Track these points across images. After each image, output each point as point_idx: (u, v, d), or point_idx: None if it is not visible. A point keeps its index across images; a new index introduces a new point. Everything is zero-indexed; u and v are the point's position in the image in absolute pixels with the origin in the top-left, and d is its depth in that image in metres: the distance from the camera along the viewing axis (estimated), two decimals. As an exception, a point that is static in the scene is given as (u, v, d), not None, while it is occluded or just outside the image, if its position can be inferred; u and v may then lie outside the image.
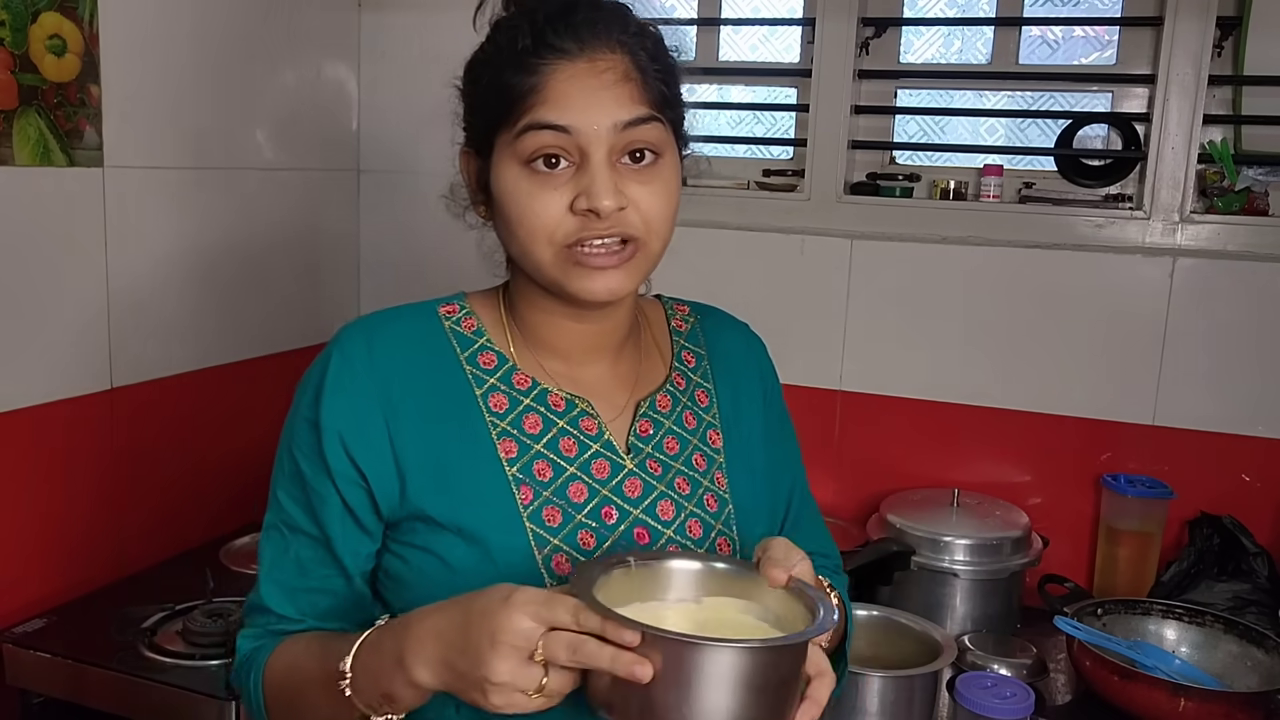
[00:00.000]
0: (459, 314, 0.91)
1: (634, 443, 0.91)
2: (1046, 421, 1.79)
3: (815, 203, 1.92)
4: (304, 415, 0.86)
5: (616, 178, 0.81)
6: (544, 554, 0.83)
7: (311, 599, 0.88)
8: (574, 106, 0.80)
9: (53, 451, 1.56)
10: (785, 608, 0.75)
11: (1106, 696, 1.37)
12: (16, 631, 1.45)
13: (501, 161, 0.83)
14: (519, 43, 0.82)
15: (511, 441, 0.86)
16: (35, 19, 1.46)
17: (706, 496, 0.92)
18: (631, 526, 0.87)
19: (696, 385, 0.98)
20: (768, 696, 0.67)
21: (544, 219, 0.81)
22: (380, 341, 0.87)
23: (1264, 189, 1.73)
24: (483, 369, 0.89)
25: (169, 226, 1.72)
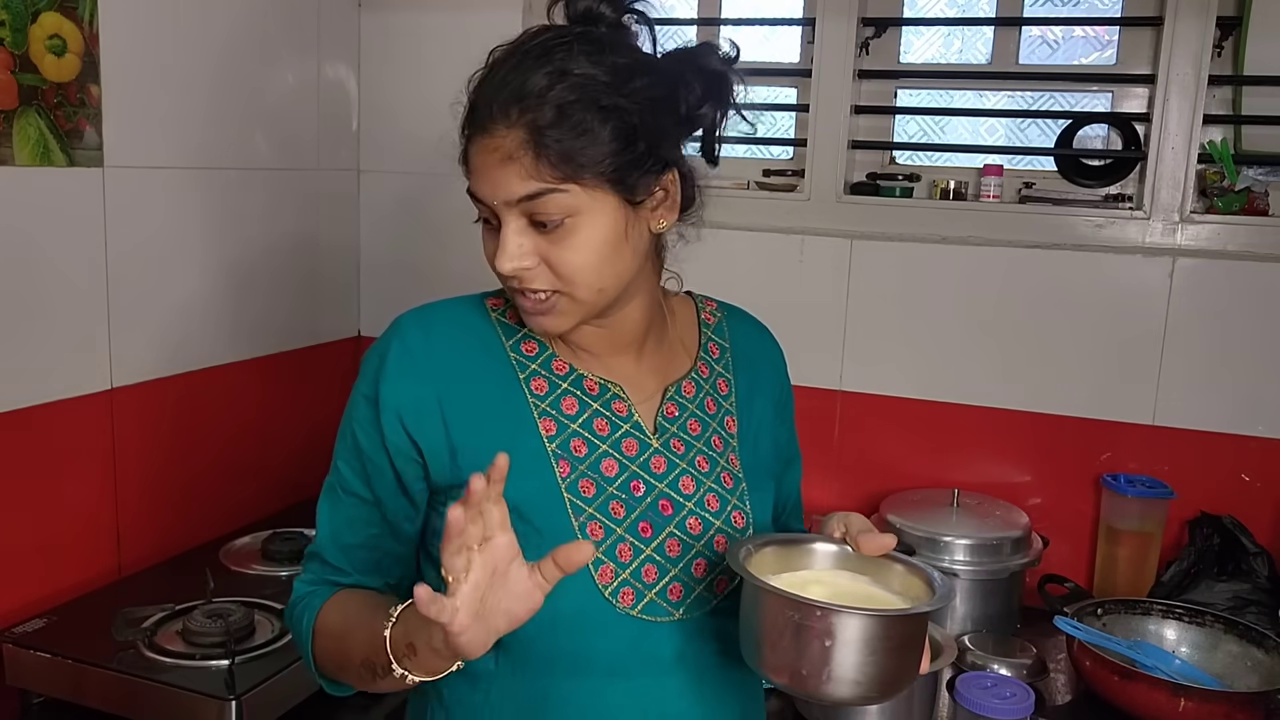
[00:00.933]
0: (504, 306, 1.00)
1: (661, 423, 1.00)
2: (1046, 421, 1.79)
3: (815, 203, 1.92)
4: (364, 393, 0.95)
5: (528, 239, 0.89)
6: (580, 521, 0.92)
7: (360, 554, 0.98)
8: (481, 181, 0.89)
9: (53, 451, 1.56)
10: (905, 582, 0.89)
11: (1106, 696, 1.37)
12: (16, 631, 1.45)
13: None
14: (467, 102, 0.90)
15: (551, 421, 0.95)
16: (35, 19, 1.46)
17: (723, 474, 1.01)
18: (657, 499, 0.96)
19: (719, 375, 1.07)
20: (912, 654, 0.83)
21: (490, 261, 0.91)
22: (436, 328, 0.96)
23: (1264, 189, 1.74)
24: (526, 356, 0.98)
25: (169, 226, 1.72)
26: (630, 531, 0.94)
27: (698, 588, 0.96)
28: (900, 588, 0.89)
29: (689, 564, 0.96)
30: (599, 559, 0.92)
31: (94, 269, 1.60)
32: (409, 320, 0.97)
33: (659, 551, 0.95)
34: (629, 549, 0.93)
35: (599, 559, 0.92)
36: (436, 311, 0.99)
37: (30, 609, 1.52)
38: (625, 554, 0.93)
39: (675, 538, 0.96)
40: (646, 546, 0.94)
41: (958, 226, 1.84)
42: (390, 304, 1.01)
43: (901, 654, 0.81)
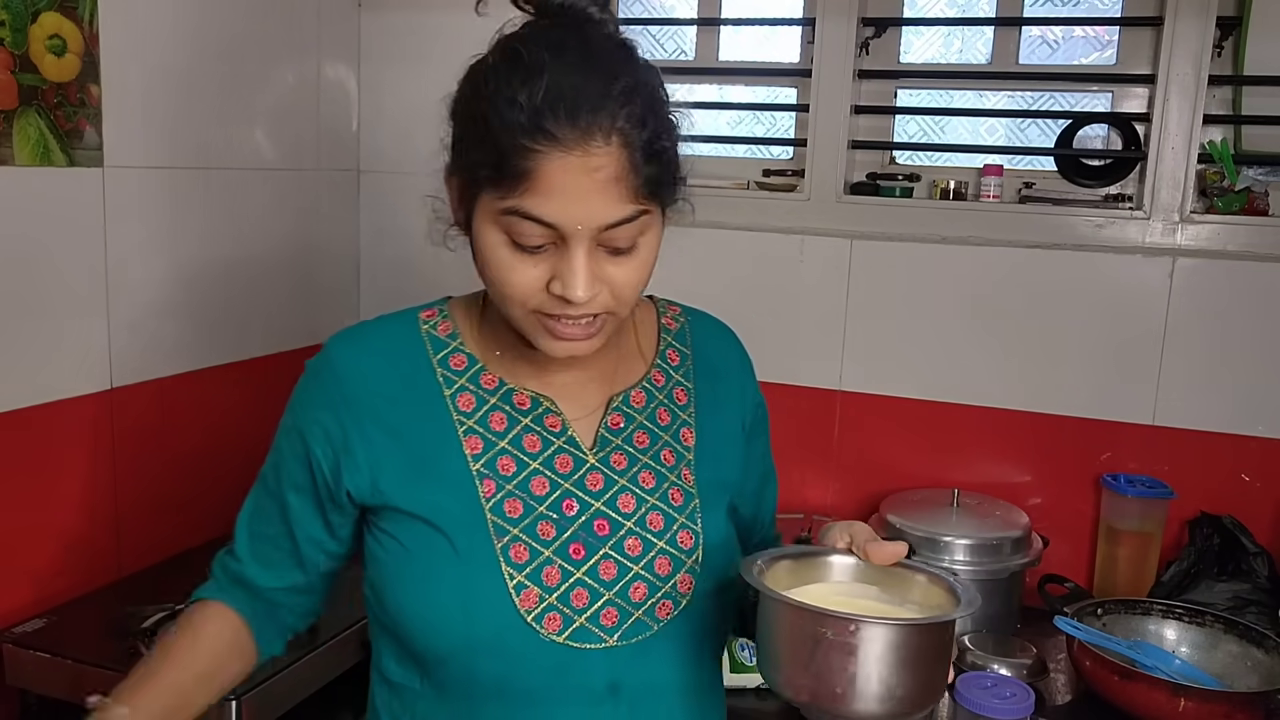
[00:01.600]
0: (436, 318, 0.97)
1: (603, 437, 0.95)
2: (1046, 421, 1.79)
3: (815, 203, 1.92)
4: (292, 414, 0.95)
5: (594, 264, 0.83)
6: (503, 543, 0.89)
7: (259, 546, 0.98)
8: (562, 204, 0.79)
9: (53, 451, 1.56)
10: (925, 593, 0.86)
11: (1106, 696, 1.37)
12: (16, 631, 1.45)
13: (483, 219, 0.84)
14: (511, 114, 0.79)
15: (477, 438, 0.92)
16: (35, 19, 1.46)
17: (671, 491, 0.95)
18: (592, 518, 0.92)
19: (676, 384, 1.01)
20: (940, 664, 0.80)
21: (519, 290, 0.84)
22: (364, 349, 0.94)
23: (1264, 189, 1.74)
24: (453, 370, 0.94)
25: (169, 226, 1.72)
26: (559, 553, 0.89)
27: (635, 612, 0.90)
28: (921, 598, 0.86)
29: (626, 587, 0.90)
30: (521, 583, 0.88)
31: (94, 269, 1.60)
32: (337, 342, 0.95)
33: (591, 574, 0.89)
34: (557, 572, 0.89)
35: (521, 583, 0.88)
36: (366, 331, 0.97)
37: (30, 609, 1.52)
38: (552, 577, 0.88)
39: (611, 559, 0.90)
40: (577, 569, 0.89)
41: (958, 226, 1.84)
42: (390, 304, 1.00)
43: (930, 665, 0.78)
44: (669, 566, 0.92)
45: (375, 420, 0.92)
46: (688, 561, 0.93)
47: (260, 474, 0.99)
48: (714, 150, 2.10)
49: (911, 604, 0.86)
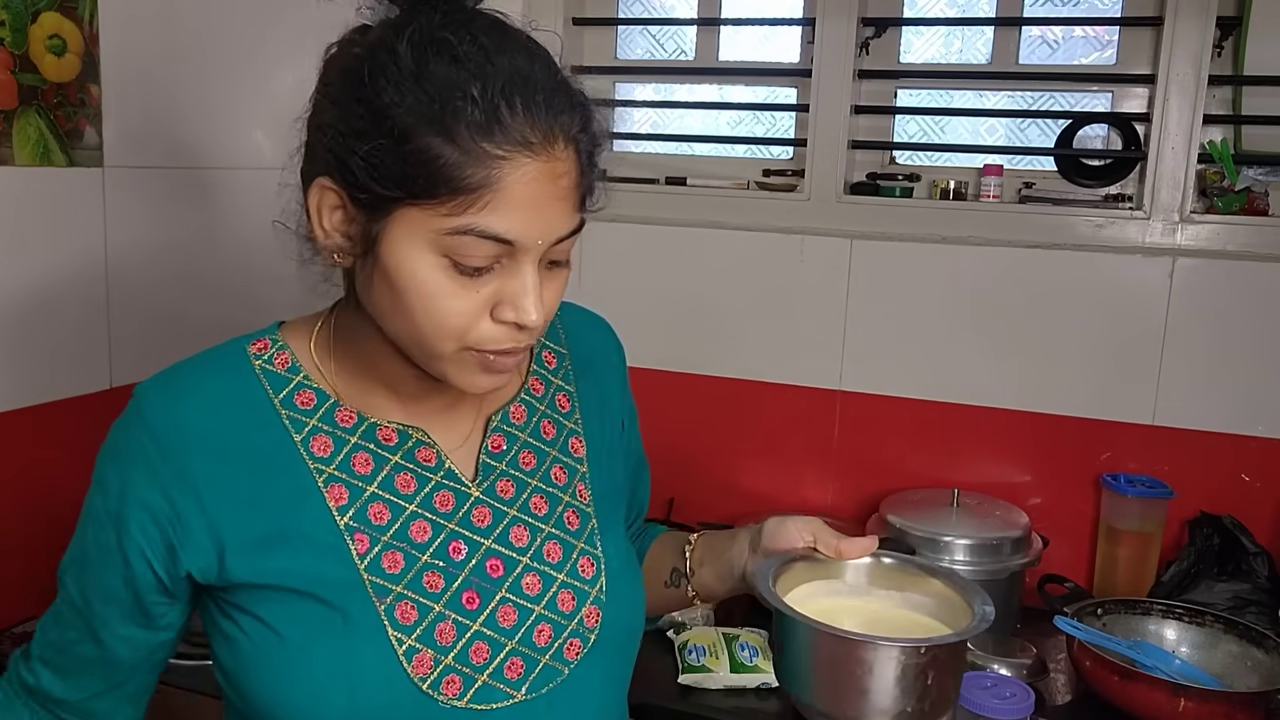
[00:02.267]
0: (270, 351, 0.82)
1: (485, 464, 0.85)
2: (1046, 421, 1.79)
3: (815, 203, 1.92)
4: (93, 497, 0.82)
5: (539, 286, 0.73)
6: (386, 604, 0.78)
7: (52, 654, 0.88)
8: (524, 217, 0.70)
9: (53, 451, 1.56)
10: (940, 595, 0.87)
11: (1106, 696, 1.37)
12: (16, 631, 1.45)
13: (408, 239, 0.71)
14: (462, 113, 0.67)
15: (340, 487, 0.79)
16: (35, 19, 1.46)
17: (567, 514, 0.87)
18: (484, 559, 0.82)
19: (557, 389, 0.92)
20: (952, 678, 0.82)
21: (458, 320, 0.72)
22: (185, 401, 0.79)
23: (1264, 189, 1.73)
24: (300, 410, 0.80)
25: (169, 226, 1.72)
26: (452, 606, 0.79)
27: (542, 659, 0.81)
28: (934, 599, 0.87)
29: (529, 632, 0.81)
30: (412, 647, 0.77)
31: (94, 269, 1.60)
32: (149, 395, 0.79)
33: (490, 624, 0.80)
34: (451, 628, 0.79)
35: (412, 647, 0.77)
36: (183, 376, 0.81)
37: (30, 609, 1.52)
38: (447, 635, 0.78)
39: (509, 603, 0.81)
40: (474, 620, 0.80)
41: (958, 226, 1.84)
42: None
43: (943, 680, 0.79)
44: (573, 601, 0.84)
45: (212, 484, 0.77)
46: (591, 592, 0.85)
47: (61, 565, 0.85)
48: (714, 150, 2.10)
49: (927, 606, 0.88)
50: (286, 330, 0.86)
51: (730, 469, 1.95)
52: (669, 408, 1.95)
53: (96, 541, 0.80)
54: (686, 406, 1.96)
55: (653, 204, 1.99)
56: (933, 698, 0.78)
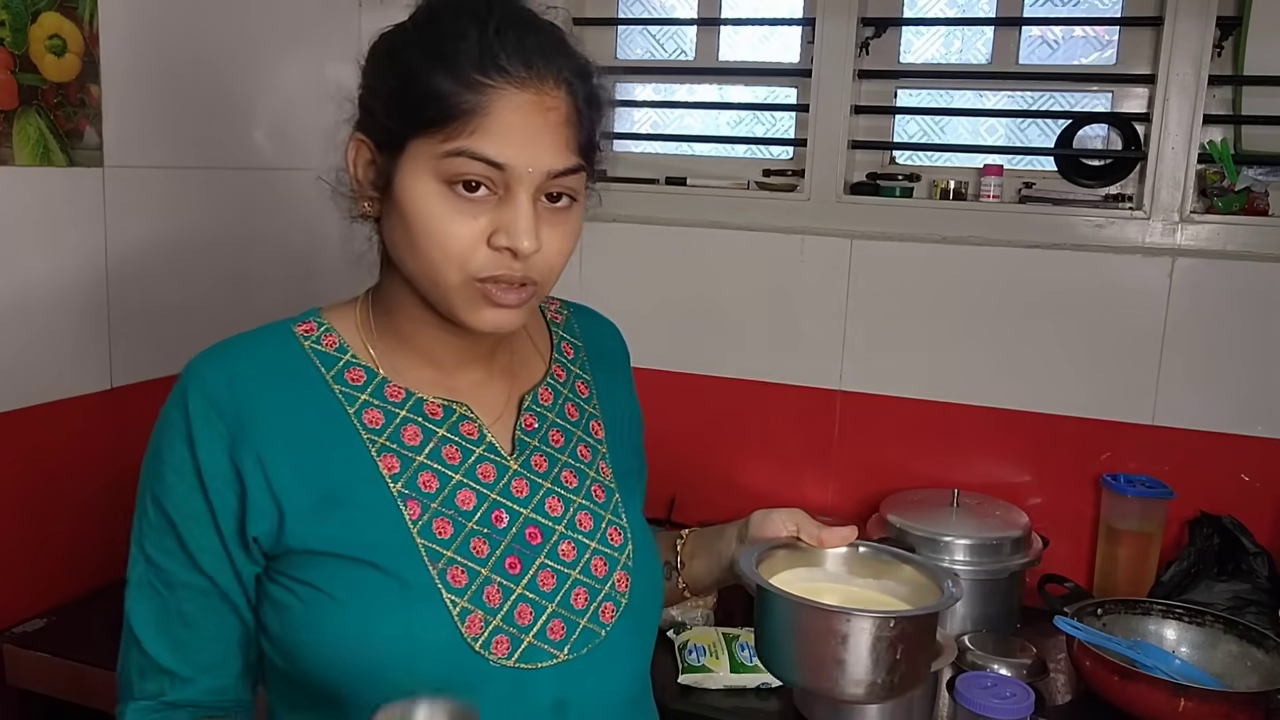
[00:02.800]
0: (318, 332, 0.88)
1: (520, 440, 0.90)
2: (1046, 421, 1.79)
3: (815, 203, 1.92)
4: (169, 462, 0.82)
5: (535, 218, 0.79)
6: (439, 567, 0.82)
7: (204, 653, 0.84)
8: (514, 143, 0.77)
9: (53, 451, 1.56)
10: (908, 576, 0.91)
11: (1107, 696, 1.37)
12: (16, 631, 1.45)
13: (415, 170, 0.79)
14: (461, 50, 0.77)
15: (392, 457, 0.84)
16: (35, 19, 1.46)
17: (594, 488, 0.93)
18: (524, 527, 0.87)
19: (576, 376, 0.99)
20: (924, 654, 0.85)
21: (458, 245, 0.78)
22: (240, 371, 0.83)
23: (1264, 189, 1.73)
24: (351, 386, 0.85)
25: (169, 227, 1.72)
26: (497, 570, 0.84)
27: (581, 621, 0.86)
28: (909, 586, 0.91)
29: (567, 596, 0.86)
30: (465, 609, 0.81)
31: (94, 269, 1.60)
32: (204, 365, 0.84)
33: (531, 587, 0.85)
34: (497, 591, 0.83)
35: (465, 609, 0.81)
36: (236, 349, 0.86)
37: (30, 609, 1.52)
38: (494, 597, 0.83)
39: (548, 569, 0.86)
40: (517, 584, 0.84)
41: (958, 226, 1.84)
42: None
43: (914, 653, 0.83)
44: (605, 567, 0.89)
45: (271, 448, 0.81)
46: (620, 558, 0.91)
47: (140, 581, 0.84)
48: (714, 150, 2.10)
49: (900, 589, 0.92)
50: (328, 314, 0.90)
51: (730, 469, 1.95)
52: (669, 407, 1.95)
53: (182, 504, 0.82)
54: (686, 406, 1.96)
55: (653, 204, 1.99)
56: (902, 671, 0.81)
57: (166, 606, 0.83)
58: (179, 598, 0.83)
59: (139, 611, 0.84)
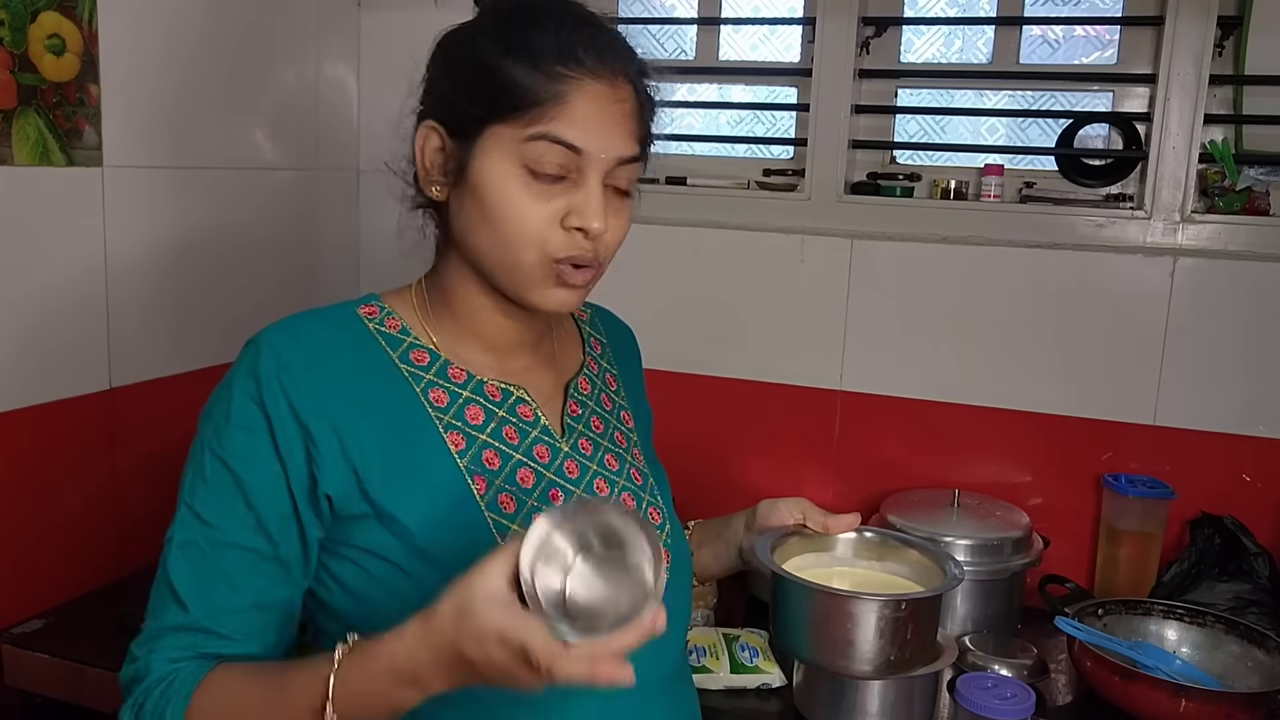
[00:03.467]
0: (380, 315, 0.91)
1: (568, 424, 0.95)
2: (1047, 421, 1.79)
3: (815, 202, 1.92)
4: (239, 421, 0.83)
5: (604, 201, 0.85)
6: (506, 541, 0.81)
7: (248, 616, 0.84)
8: (589, 129, 0.82)
9: (53, 451, 1.56)
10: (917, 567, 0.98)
11: (1107, 697, 1.37)
12: (16, 632, 1.45)
13: (494, 154, 0.84)
14: (542, 43, 0.82)
15: (458, 434, 0.88)
16: (34, 18, 1.46)
17: (632, 471, 0.99)
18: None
19: (605, 370, 1.05)
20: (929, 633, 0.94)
21: (536, 225, 0.83)
22: (314, 341, 0.86)
23: (1265, 189, 1.73)
24: (417, 366, 0.89)
25: (168, 227, 1.72)
26: None
27: None
28: (910, 564, 0.98)
29: None
30: None
31: (94, 269, 1.59)
32: (277, 333, 0.85)
33: None
34: None
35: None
36: (306, 323, 0.88)
37: (30, 609, 1.52)
38: None
39: None
40: None
41: (958, 226, 1.84)
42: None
43: (921, 633, 0.90)
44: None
45: (344, 415, 0.83)
46: (661, 535, 0.96)
47: (187, 540, 0.83)
48: (714, 150, 2.10)
49: (906, 574, 0.99)
50: (388, 299, 0.94)
51: (730, 469, 1.95)
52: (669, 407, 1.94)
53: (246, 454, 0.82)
54: (687, 406, 1.95)
55: (653, 204, 1.98)
56: (912, 647, 0.89)
57: (212, 567, 0.83)
58: (226, 559, 0.83)
59: (181, 570, 0.84)
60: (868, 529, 1.02)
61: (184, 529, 0.85)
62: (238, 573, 0.83)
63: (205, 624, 0.83)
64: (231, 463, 0.83)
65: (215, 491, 0.83)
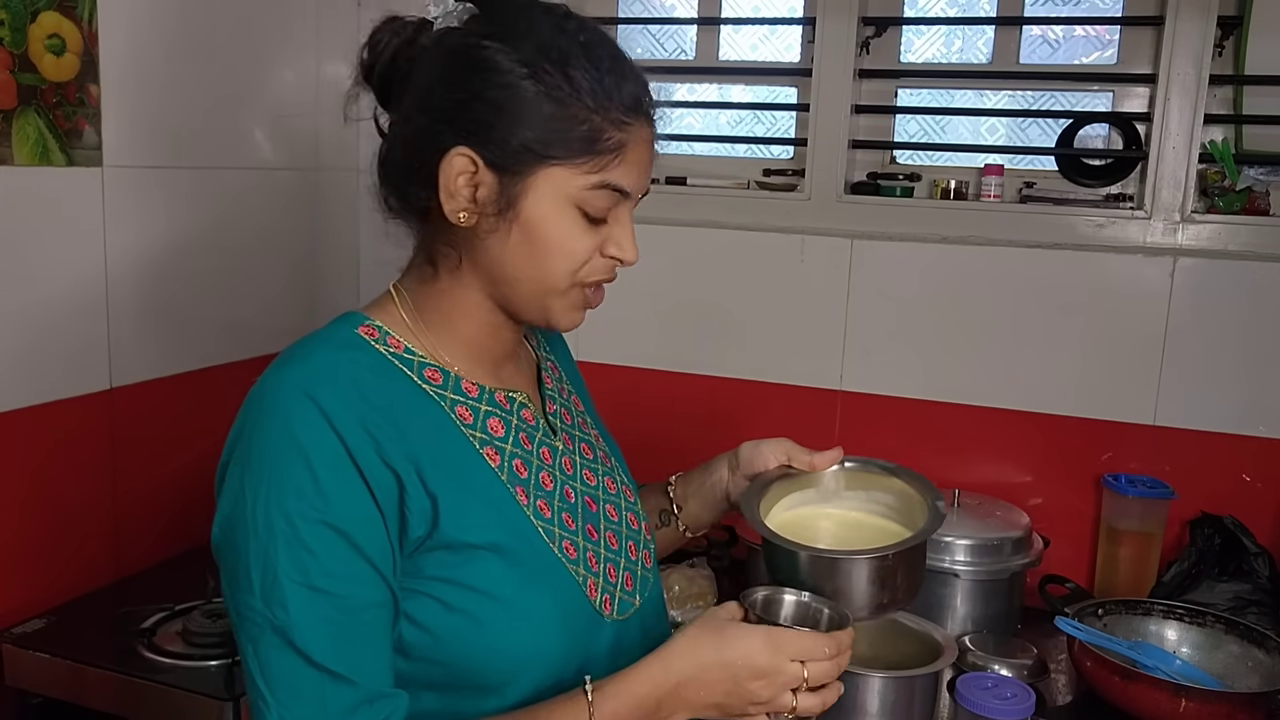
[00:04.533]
0: (381, 335, 0.87)
1: (552, 420, 0.97)
2: (1047, 421, 1.79)
3: (815, 203, 1.92)
4: (325, 477, 0.77)
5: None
6: (557, 545, 0.88)
7: (391, 665, 0.82)
8: (638, 173, 0.86)
9: (53, 451, 1.56)
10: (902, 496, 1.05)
11: (1107, 697, 1.37)
12: (16, 632, 1.45)
13: (551, 194, 0.83)
14: (601, 85, 0.82)
15: (491, 449, 0.88)
16: (34, 18, 1.46)
17: (600, 454, 1.02)
18: (582, 498, 0.94)
19: (546, 356, 1.06)
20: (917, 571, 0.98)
21: (579, 258, 0.86)
22: (354, 378, 0.82)
23: (1265, 189, 1.73)
24: (435, 385, 0.87)
25: (168, 226, 1.72)
26: (585, 539, 0.92)
27: (638, 569, 0.97)
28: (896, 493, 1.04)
29: (625, 551, 0.96)
30: (585, 576, 0.90)
31: (94, 269, 1.59)
32: (315, 377, 0.80)
33: (607, 549, 0.94)
34: (594, 557, 0.92)
35: (585, 576, 0.90)
36: (326, 357, 0.83)
37: (30, 609, 1.52)
38: (594, 563, 0.92)
39: (610, 530, 0.95)
40: (600, 548, 0.93)
41: (958, 226, 1.84)
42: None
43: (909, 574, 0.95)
44: (636, 520, 1.00)
45: (413, 447, 0.81)
46: (639, 509, 1.03)
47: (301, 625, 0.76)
48: (714, 150, 2.10)
49: (891, 503, 1.04)
50: (378, 317, 0.89)
51: (730, 469, 1.95)
52: (669, 407, 1.95)
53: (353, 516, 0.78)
54: (686, 406, 1.95)
55: (653, 204, 1.98)
56: (903, 588, 0.94)
57: (358, 634, 0.78)
58: (365, 620, 0.79)
59: (326, 650, 0.77)
60: (850, 459, 1.07)
61: (305, 609, 0.77)
62: (380, 629, 0.80)
63: (378, 688, 0.79)
64: (338, 524, 0.77)
65: (327, 560, 0.77)
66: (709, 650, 0.82)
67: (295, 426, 0.78)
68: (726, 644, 0.82)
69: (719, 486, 1.10)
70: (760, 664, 0.81)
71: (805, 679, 0.82)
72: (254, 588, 0.77)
